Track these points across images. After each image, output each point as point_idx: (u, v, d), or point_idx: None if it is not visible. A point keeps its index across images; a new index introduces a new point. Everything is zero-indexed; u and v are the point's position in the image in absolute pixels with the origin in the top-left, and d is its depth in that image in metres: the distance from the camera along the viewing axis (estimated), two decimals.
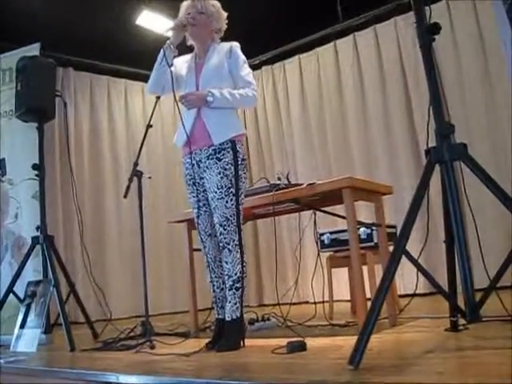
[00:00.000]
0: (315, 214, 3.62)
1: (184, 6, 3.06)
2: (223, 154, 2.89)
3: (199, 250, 3.14)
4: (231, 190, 2.86)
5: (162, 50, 2.97)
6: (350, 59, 6.55)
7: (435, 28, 2.22)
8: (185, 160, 3.06)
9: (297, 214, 3.97)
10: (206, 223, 3.01)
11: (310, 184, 3.20)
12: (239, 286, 2.85)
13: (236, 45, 3.07)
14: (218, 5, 3.11)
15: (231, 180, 2.87)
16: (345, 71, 6.61)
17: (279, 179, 3.39)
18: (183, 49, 3.14)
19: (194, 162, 2.99)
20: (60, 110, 4.46)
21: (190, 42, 3.13)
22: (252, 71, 3.09)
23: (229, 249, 2.85)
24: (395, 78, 6.16)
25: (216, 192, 2.86)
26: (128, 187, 3.33)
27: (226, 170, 2.87)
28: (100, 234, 6.66)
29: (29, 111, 3.97)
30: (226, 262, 2.87)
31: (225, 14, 3.13)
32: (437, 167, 2.16)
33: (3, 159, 4.50)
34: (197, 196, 3.01)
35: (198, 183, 3.00)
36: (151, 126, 3.50)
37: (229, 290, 2.86)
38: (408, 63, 6.05)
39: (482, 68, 5.52)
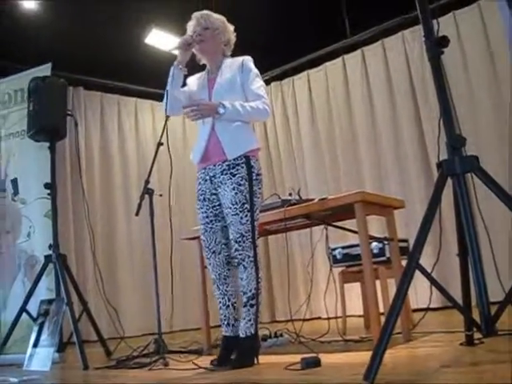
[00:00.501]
0: (326, 229, 3.60)
1: (189, 25, 3.10)
2: (237, 170, 2.87)
3: None
4: (246, 205, 2.84)
5: (170, 71, 3.00)
6: (358, 73, 6.57)
7: (444, 41, 2.22)
8: (199, 175, 3.06)
9: (308, 229, 3.95)
10: (211, 240, 2.98)
11: (322, 199, 3.18)
12: (254, 303, 2.81)
13: (248, 59, 3.08)
14: (223, 18, 3.14)
15: (245, 196, 2.84)
16: (353, 85, 6.62)
17: (290, 195, 3.39)
18: (197, 68, 3.17)
19: (207, 177, 2.98)
20: (71, 129, 4.50)
21: (202, 61, 3.15)
22: (264, 85, 3.08)
23: (244, 265, 2.82)
24: (404, 90, 6.16)
25: (230, 208, 2.84)
26: (139, 205, 3.34)
27: (240, 185, 2.84)
28: (111, 252, 6.68)
29: (41, 131, 4.02)
30: (241, 279, 2.84)
31: (231, 27, 3.16)
32: (448, 180, 2.15)
33: (15, 179, 4.55)
34: (205, 212, 3.00)
35: (209, 199, 2.99)
36: (162, 144, 3.51)
37: (243, 307, 2.84)
38: (416, 76, 6.06)
39: (491, 78, 5.50)
